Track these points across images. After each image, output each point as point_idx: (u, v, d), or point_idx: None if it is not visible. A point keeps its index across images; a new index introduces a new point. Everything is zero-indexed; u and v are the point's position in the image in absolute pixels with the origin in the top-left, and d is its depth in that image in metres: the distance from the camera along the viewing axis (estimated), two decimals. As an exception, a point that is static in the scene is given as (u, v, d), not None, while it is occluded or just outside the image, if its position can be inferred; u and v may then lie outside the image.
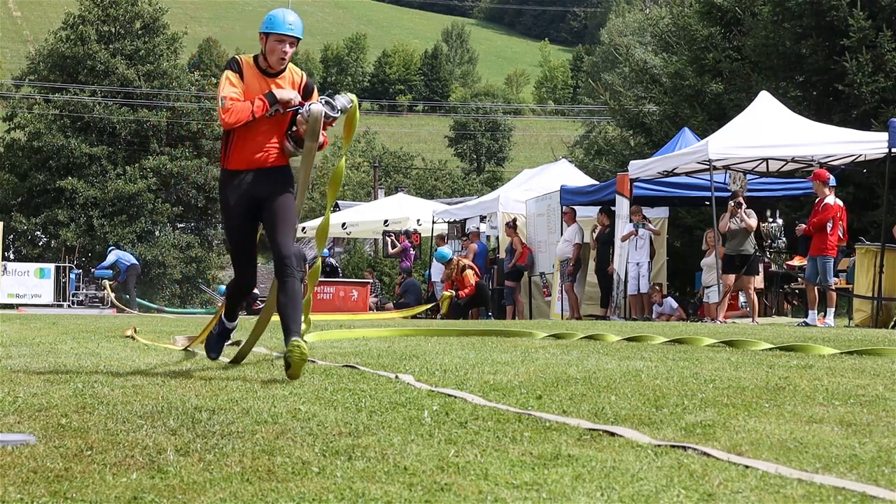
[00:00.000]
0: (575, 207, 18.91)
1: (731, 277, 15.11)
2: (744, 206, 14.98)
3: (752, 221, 14.92)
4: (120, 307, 25.27)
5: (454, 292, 20.08)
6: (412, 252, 25.00)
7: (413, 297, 22.46)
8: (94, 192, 39.28)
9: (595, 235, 18.53)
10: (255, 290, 28.42)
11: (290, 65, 6.10)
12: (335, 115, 5.98)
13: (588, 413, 4.47)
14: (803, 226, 14.68)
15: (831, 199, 13.93)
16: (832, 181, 14.55)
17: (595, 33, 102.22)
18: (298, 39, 6.02)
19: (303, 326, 6.23)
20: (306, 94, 6.09)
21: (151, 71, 42.07)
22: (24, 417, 4.35)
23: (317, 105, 5.92)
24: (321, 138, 5.98)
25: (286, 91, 5.98)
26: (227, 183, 6.06)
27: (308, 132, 5.93)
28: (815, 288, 13.97)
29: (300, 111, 5.96)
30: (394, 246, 25.13)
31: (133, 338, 9.19)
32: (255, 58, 6.07)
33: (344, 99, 6.04)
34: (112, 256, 28.83)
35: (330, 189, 6.61)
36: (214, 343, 6.49)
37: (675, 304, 17.75)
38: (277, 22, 5.98)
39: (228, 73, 5.95)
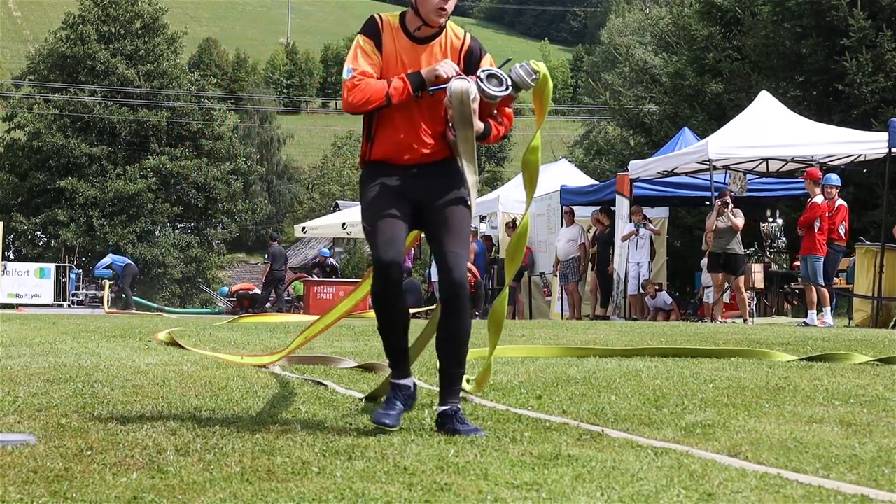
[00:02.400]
0: (574, 207, 18.91)
1: (719, 276, 15.15)
2: (731, 205, 15.01)
3: (739, 221, 14.93)
4: (110, 311, 25.13)
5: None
6: (412, 251, 24.98)
7: (413, 297, 22.43)
8: (94, 192, 39.32)
9: (593, 235, 18.53)
10: (256, 290, 28.46)
11: (450, 23, 4.41)
12: (501, 92, 4.24)
13: (588, 413, 4.47)
14: None
15: (819, 199, 13.91)
16: (835, 181, 14.53)
17: (595, 33, 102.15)
18: None
19: (468, 385, 4.86)
20: (471, 62, 4.36)
21: (151, 71, 42.11)
22: (24, 417, 4.35)
23: (460, 81, 4.17)
24: (481, 125, 4.29)
25: (438, 65, 4.26)
26: (371, 178, 4.37)
27: (456, 117, 4.22)
28: (813, 288, 13.96)
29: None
30: None
31: (177, 344, 8.23)
32: (402, 16, 4.38)
33: (522, 70, 4.30)
34: (107, 259, 28.84)
35: (527, 184, 4.63)
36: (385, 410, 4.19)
37: (668, 299, 17.76)
38: None
39: (361, 38, 4.35)
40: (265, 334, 9.74)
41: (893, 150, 14.34)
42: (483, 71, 4.27)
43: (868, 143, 15.41)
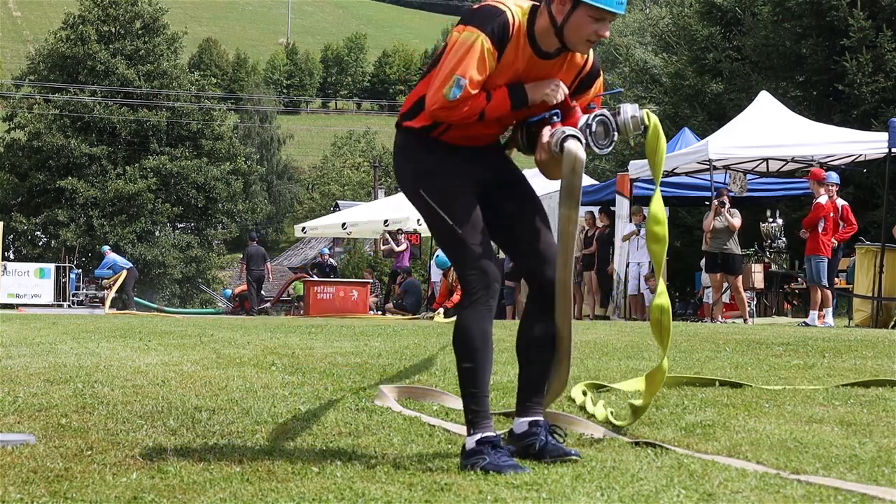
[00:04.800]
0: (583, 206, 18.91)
1: (717, 276, 15.17)
2: (727, 205, 15.02)
3: (736, 221, 14.94)
4: (110, 311, 25.08)
5: (442, 311, 19.48)
6: (409, 251, 24.86)
7: (413, 297, 22.43)
8: (94, 192, 39.34)
9: (589, 235, 18.54)
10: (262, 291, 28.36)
11: None
12: (606, 148, 3.65)
13: (588, 415, 4.47)
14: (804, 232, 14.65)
15: (823, 199, 13.92)
16: (835, 178, 14.54)
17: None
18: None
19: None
20: (586, 83, 3.72)
21: (151, 71, 42.12)
22: (24, 417, 4.35)
23: (576, 144, 3.51)
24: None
25: (548, 86, 3.57)
26: (431, 150, 3.65)
27: (561, 189, 3.60)
28: (817, 289, 13.96)
29: (552, 124, 3.60)
30: (386, 243, 25.04)
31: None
32: (532, 20, 3.53)
33: (632, 120, 3.65)
34: (109, 259, 28.68)
35: (651, 243, 4.03)
36: (497, 455, 3.36)
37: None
38: None
39: (486, 44, 3.46)
40: (265, 334, 9.75)
41: (893, 150, 14.34)
42: (595, 118, 3.59)
43: (868, 143, 15.41)
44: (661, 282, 3.87)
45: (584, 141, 3.55)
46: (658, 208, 3.90)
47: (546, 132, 3.57)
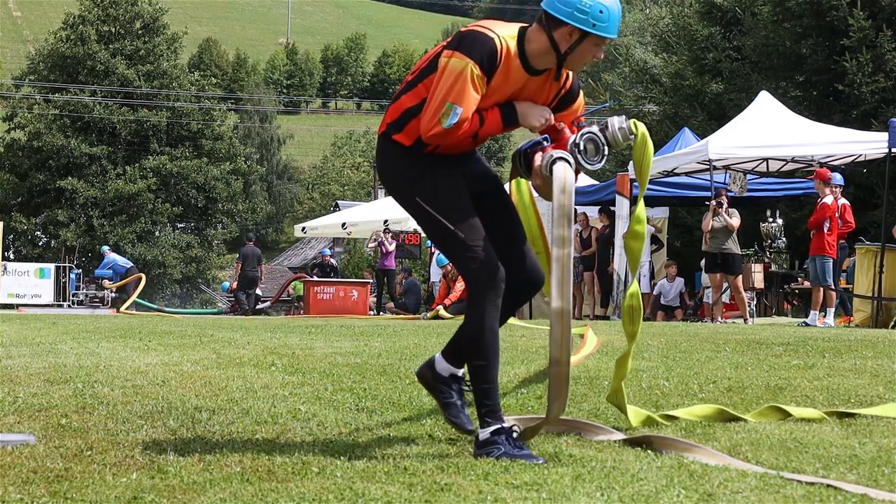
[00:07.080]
0: (575, 207, 18.91)
1: (717, 276, 15.18)
2: (725, 205, 15.03)
3: (735, 221, 14.94)
4: (123, 312, 25.07)
5: (441, 308, 19.43)
6: (395, 251, 24.68)
7: (414, 297, 22.42)
8: (94, 192, 39.32)
9: (584, 237, 18.55)
10: (259, 291, 28.35)
11: None
12: (597, 164, 3.84)
13: (588, 413, 4.48)
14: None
15: (828, 199, 13.92)
16: (839, 180, 14.52)
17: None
18: None
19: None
20: (567, 100, 3.93)
21: (151, 71, 42.10)
22: (24, 417, 4.35)
23: (565, 168, 3.69)
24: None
25: (536, 112, 3.80)
26: (428, 161, 3.82)
27: (555, 208, 3.71)
28: (821, 289, 13.95)
29: (541, 149, 3.81)
30: (372, 242, 25.00)
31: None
32: (521, 43, 3.77)
33: (619, 132, 3.83)
34: (109, 259, 28.64)
35: (630, 240, 4.19)
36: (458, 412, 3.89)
37: (682, 289, 18.09)
38: (613, 21, 3.73)
39: (475, 71, 3.65)
40: (265, 334, 9.75)
41: (893, 150, 14.32)
42: (582, 136, 3.79)
43: (868, 143, 15.41)
44: (635, 283, 4.08)
45: (572, 162, 3.74)
46: (642, 210, 4.07)
47: (538, 157, 3.76)
